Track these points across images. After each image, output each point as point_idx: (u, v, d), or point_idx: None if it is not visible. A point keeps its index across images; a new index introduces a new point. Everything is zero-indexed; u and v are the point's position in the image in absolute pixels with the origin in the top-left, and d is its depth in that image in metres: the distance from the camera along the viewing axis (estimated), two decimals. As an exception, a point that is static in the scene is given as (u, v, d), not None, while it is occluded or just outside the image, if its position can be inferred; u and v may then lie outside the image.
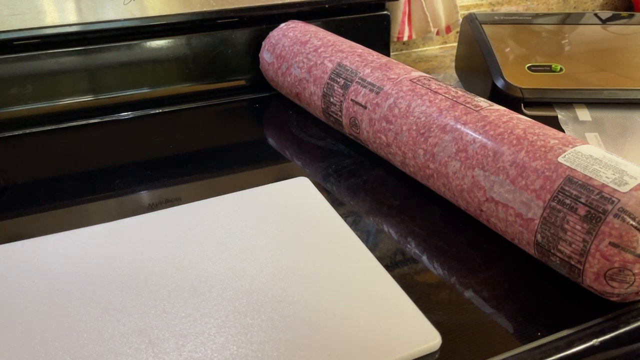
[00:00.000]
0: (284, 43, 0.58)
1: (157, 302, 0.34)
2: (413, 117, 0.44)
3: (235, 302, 0.34)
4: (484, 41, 0.63)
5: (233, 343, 0.31)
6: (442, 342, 0.32)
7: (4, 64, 0.55)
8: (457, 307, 0.35)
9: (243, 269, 0.36)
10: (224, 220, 0.41)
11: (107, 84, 0.59)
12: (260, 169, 0.50)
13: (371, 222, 0.43)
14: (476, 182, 0.39)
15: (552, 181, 0.35)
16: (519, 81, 0.56)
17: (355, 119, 0.49)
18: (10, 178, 0.49)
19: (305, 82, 0.54)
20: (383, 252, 0.40)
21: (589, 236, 0.32)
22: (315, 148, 0.54)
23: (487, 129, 0.40)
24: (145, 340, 0.31)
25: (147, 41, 0.60)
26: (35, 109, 0.57)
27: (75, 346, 0.31)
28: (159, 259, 0.37)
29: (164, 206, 0.44)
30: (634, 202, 0.32)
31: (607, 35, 0.68)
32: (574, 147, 0.36)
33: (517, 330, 0.33)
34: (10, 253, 0.38)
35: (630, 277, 0.32)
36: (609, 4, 1.00)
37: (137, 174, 0.49)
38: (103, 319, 0.33)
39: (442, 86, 0.45)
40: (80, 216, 0.44)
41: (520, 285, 0.37)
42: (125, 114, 0.61)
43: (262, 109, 0.63)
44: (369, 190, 0.47)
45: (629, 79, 0.58)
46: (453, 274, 0.38)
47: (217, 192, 0.44)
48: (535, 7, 0.93)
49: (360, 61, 0.51)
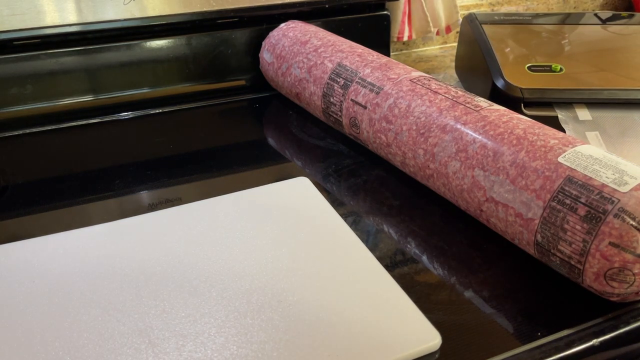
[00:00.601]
0: (284, 43, 0.58)
1: (157, 302, 0.34)
2: (413, 117, 0.44)
3: (235, 302, 0.34)
4: (484, 41, 0.63)
5: (233, 343, 0.31)
6: (442, 342, 0.32)
7: (4, 64, 0.55)
8: (457, 307, 0.35)
9: (243, 269, 0.36)
10: (224, 220, 0.41)
11: (107, 84, 0.59)
12: (260, 169, 0.50)
13: (371, 222, 0.43)
14: (476, 182, 0.39)
15: (552, 181, 0.35)
16: (519, 81, 0.56)
17: (355, 119, 0.49)
18: (10, 178, 0.49)
19: (305, 82, 0.54)
20: (383, 252, 0.40)
21: (589, 236, 0.32)
22: (315, 148, 0.54)
23: (487, 129, 0.40)
24: (145, 340, 0.31)
25: (147, 41, 0.60)
26: (35, 109, 0.57)
27: (75, 346, 0.31)
28: (159, 259, 0.37)
29: (164, 206, 0.44)
30: (634, 202, 0.32)
31: (607, 35, 0.68)
32: (574, 147, 0.36)
33: (517, 330, 0.33)
34: (10, 253, 0.38)
35: (630, 277, 0.32)
36: (609, 4, 1.00)
37: (137, 174, 0.49)
38: (103, 319, 0.33)
39: (442, 86, 0.45)
40: (80, 216, 0.44)
41: (520, 285, 0.37)
42: (125, 114, 0.61)
43: (262, 109, 0.63)
44: (369, 190, 0.47)
45: (629, 79, 0.58)
46: (453, 274, 0.38)
47: (217, 192, 0.44)
48: (535, 7, 0.93)
49: (360, 61, 0.51)
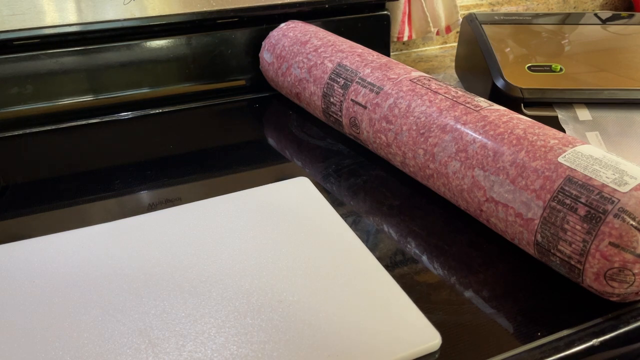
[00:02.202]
0: (284, 43, 0.58)
1: (157, 302, 0.34)
2: (413, 117, 0.44)
3: (235, 302, 0.34)
4: (484, 41, 0.63)
5: (233, 343, 0.31)
6: (442, 342, 0.32)
7: (4, 64, 0.55)
8: (457, 307, 0.35)
9: (243, 269, 0.36)
10: (224, 220, 0.41)
11: (107, 84, 0.59)
12: (260, 169, 0.50)
13: (371, 222, 0.43)
14: (476, 182, 0.39)
15: (552, 181, 0.35)
16: (519, 81, 0.56)
17: (355, 119, 0.49)
18: (10, 178, 0.49)
19: (305, 82, 0.54)
20: (383, 252, 0.40)
21: (589, 236, 0.32)
22: (315, 148, 0.54)
23: (487, 129, 0.40)
24: (146, 340, 0.31)
25: (147, 41, 0.60)
26: (35, 109, 0.57)
27: (76, 346, 0.31)
28: (159, 259, 0.37)
29: (164, 206, 0.44)
30: (634, 202, 0.32)
31: (607, 35, 0.68)
32: (574, 147, 0.36)
33: (517, 330, 0.33)
34: (10, 253, 0.38)
35: (630, 277, 0.32)
36: (609, 4, 1.00)
37: (137, 174, 0.49)
38: (103, 319, 0.33)
39: (442, 86, 0.45)
40: (80, 216, 0.44)
41: (520, 285, 0.37)
42: (125, 114, 0.61)
43: (262, 109, 0.63)
44: (369, 190, 0.47)
45: (629, 79, 0.58)
46: (453, 274, 0.38)
47: (217, 192, 0.44)
48: (535, 7, 0.93)
49: (360, 61, 0.51)
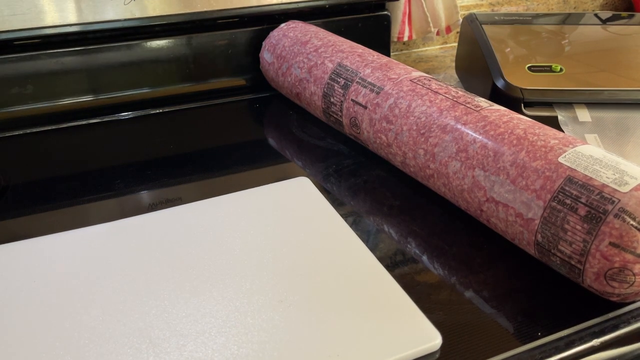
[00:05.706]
0: (285, 43, 0.58)
1: (158, 302, 0.34)
2: (413, 117, 0.44)
3: (236, 302, 0.34)
4: (484, 41, 0.63)
5: (234, 343, 0.31)
6: (442, 342, 0.32)
7: (4, 64, 0.55)
8: (457, 307, 0.35)
9: (243, 269, 0.36)
10: (224, 220, 0.41)
11: (107, 84, 0.59)
12: (260, 169, 0.50)
13: (371, 222, 0.43)
14: (476, 182, 0.39)
15: (553, 181, 0.35)
16: (519, 81, 0.56)
17: (356, 119, 0.49)
18: (10, 178, 0.49)
19: (306, 82, 0.54)
20: (383, 252, 0.40)
21: (589, 236, 0.32)
22: (316, 148, 0.54)
23: (487, 129, 0.40)
24: (146, 340, 0.31)
25: (147, 41, 0.60)
26: (36, 109, 0.57)
27: (76, 346, 0.31)
28: (159, 259, 0.37)
29: (164, 206, 0.44)
30: (634, 202, 0.32)
31: (607, 35, 0.68)
32: (574, 147, 0.36)
33: (517, 330, 0.33)
34: (10, 253, 0.38)
35: (630, 277, 0.32)
36: (609, 4, 1.00)
37: (137, 174, 0.49)
38: (103, 319, 0.33)
39: (443, 86, 0.45)
40: (81, 216, 0.44)
41: (520, 285, 0.37)
42: (125, 114, 0.61)
43: (262, 109, 0.63)
44: (369, 190, 0.47)
45: (629, 79, 0.58)
46: (453, 274, 0.38)
47: (217, 192, 0.44)
48: (535, 7, 0.93)
49: (361, 61, 0.51)
